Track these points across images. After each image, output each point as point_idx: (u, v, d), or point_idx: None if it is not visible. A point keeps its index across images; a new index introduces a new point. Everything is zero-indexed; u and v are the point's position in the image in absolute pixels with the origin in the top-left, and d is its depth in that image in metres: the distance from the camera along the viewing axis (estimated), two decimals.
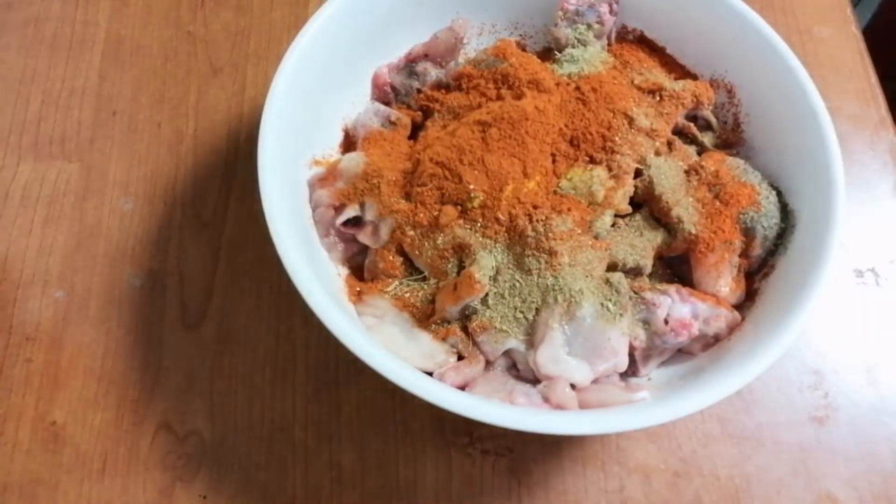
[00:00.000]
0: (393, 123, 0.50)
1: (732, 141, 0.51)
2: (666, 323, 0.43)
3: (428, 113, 0.52)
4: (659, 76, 0.51)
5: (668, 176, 0.47)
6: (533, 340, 0.43)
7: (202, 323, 0.51)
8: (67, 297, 0.51)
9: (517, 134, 0.45)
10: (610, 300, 0.42)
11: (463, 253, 0.44)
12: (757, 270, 0.47)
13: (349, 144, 0.51)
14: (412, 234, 0.45)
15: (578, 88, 0.48)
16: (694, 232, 0.45)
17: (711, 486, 0.47)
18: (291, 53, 0.46)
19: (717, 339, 0.44)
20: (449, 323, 0.44)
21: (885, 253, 0.55)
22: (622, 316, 0.42)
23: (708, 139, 0.51)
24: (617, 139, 0.46)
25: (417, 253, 0.45)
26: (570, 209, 0.44)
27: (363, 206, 0.46)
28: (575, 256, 0.43)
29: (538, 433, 0.37)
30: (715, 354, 0.44)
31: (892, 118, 0.60)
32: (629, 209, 0.46)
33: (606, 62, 0.50)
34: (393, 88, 0.52)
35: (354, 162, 0.46)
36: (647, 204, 0.47)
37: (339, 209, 0.46)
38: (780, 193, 0.47)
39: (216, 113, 0.58)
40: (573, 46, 0.51)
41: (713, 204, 0.45)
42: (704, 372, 0.42)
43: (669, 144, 0.49)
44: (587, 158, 0.46)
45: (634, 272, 0.45)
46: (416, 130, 0.51)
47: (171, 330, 0.50)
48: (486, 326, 0.43)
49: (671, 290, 0.44)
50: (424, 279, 0.46)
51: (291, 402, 0.48)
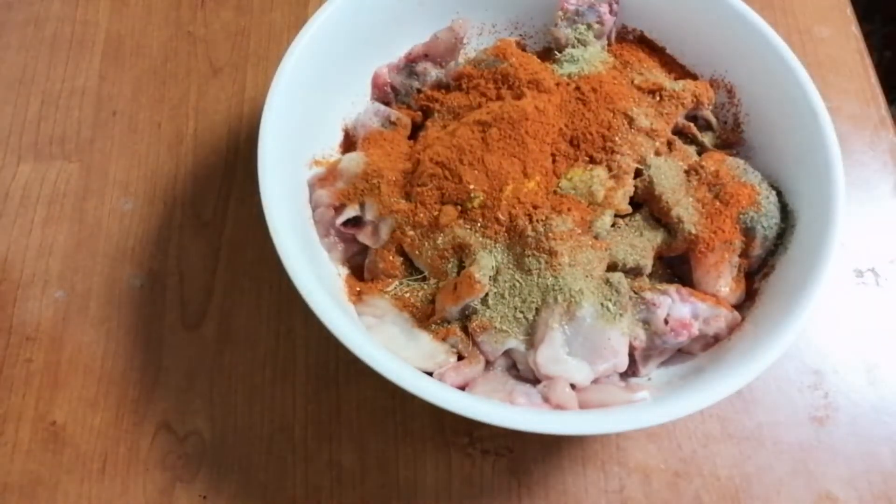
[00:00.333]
0: (393, 123, 0.50)
1: (732, 141, 0.51)
2: (666, 323, 0.43)
3: (428, 113, 0.52)
4: (659, 76, 0.51)
5: (668, 176, 0.47)
6: (533, 340, 0.43)
7: (202, 323, 0.51)
8: (67, 297, 0.51)
9: (517, 134, 0.45)
10: (610, 300, 0.42)
11: (463, 253, 0.44)
12: (757, 270, 0.47)
13: (349, 144, 0.51)
14: (412, 234, 0.45)
15: (578, 88, 0.48)
16: (694, 232, 0.45)
17: (711, 486, 0.47)
18: (291, 53, 0.46)
19: (717, 339, 0.44)
20: (449, 323, 0.44)
21: (885, 253, 0.55)
22: (622, 316, 0.42)
23: (708, 139, 0.51)
24: (617, 139, 0.46)
25: (417, 253, 0.45)
26: (570, 209, 0.44)
27: (363, 206, 0.46)
28: (575, 256, 0.43)
29: (538, 433, 0.37)
30: (715, 354, 0.44)
31: (892, 118, 0.60)
32: (629, 209, 0.46)
33: (606, 62, 0.50)
34: (393, 88, 0.52)
35: (354, 162, 0.46)
36: (647, 204, 0.47)
37: (339, 209, 0.46)
38: (780, 193, 0.47)
39: (216, 113, 0.58)
40: (573, 46, 0.51)
41: (713, 204, 0.45)
42: (704, 372, 0.42)
43: (669, 144, 0.49)
44: (587, 158, 0.46)
45: (634, 272, 0.45)
46: (416, 130, 0.51)
47: (171, 330, 0.50)
48: (486, 326, 0.43)
49: (671, 290, 0.44)
50: (424, 279, 0.46)
51: (291, 402, 0.48)
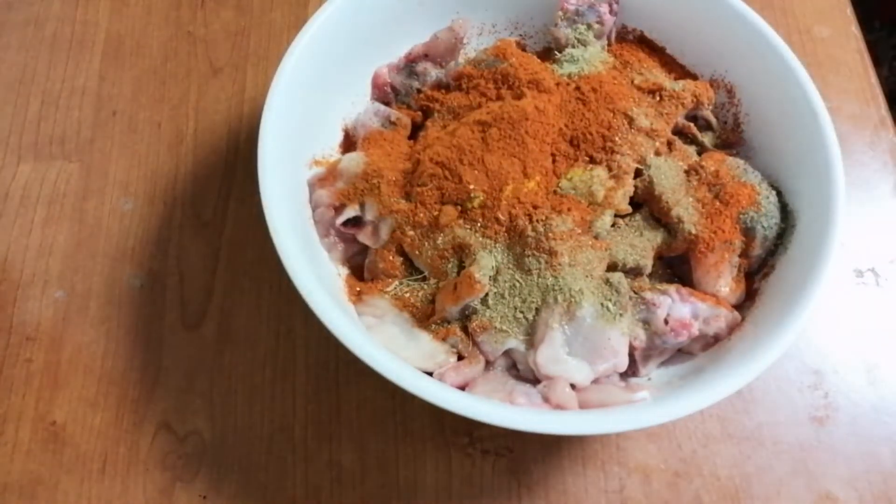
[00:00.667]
0: (393, 123, 0.50)
1: (732, 141, 0.51)
2: (666, 323, 0.43)
3: (428, 113, 0.52)
4: (659, 76, 0.51)
5: (668, 176, 0.47)
6: (533, 340, 0.43)
7: (202, 323, 0.51)
8: (67, 297, 0.51)
9: (517, 134, 0.45)
10: (610, 300, 0.42)
11: (463, 253, 0.44)
12: (757, 270, 0.47)
13: (349, 144, 0.51)
14: (412, 234, 0.45)
15: (578, 88, 0.48)
16: (694, 232, 0.45)
17: (711, 486, 0.47)
18: (291, 53, 0.46)
19: (717, 339, 0.44)
20: (449, 323, 0.44)
21: (885, 253, 0.54)
22: (622, 316, 0.42)
23: (708, 139, 0.51)
24: (617, 139, 0.46)
25: (417, 253, 0.45)
26: (570, 209, 0.44)
27: (363, 206, 0.46)
28: (575, 256, 0.43)
29: (538, 433, 0.37)
30: (715, 354, 0.44)
31: (892, 118, 0.60)
32: (629, 209, 0.46)
33: (606, 62, 0.50)
34: (393, 88, 0.52)
35: (354, 162, 0.46)
36: (647, 204, 0.47)
37: (339, 209, 0.46)
38: (780, 193, 0.47)
39: (216, 113, 0.58)
40: (573, 46, 0.51)
41: (713, 204, 0.45)
42: (704, 372, 0.42)
43: (669, 144, 0.49)
44: (587, 158, 0.46)
45: (634, 272, 0.45)
46: (416, 130, 0.51)
47: (171, 330, 0.50)
48: (486, 326, 0.43)
49: (671, 290, 0.44)
50: (424, 279, 0.46)
51: (291, 402, 0.48)
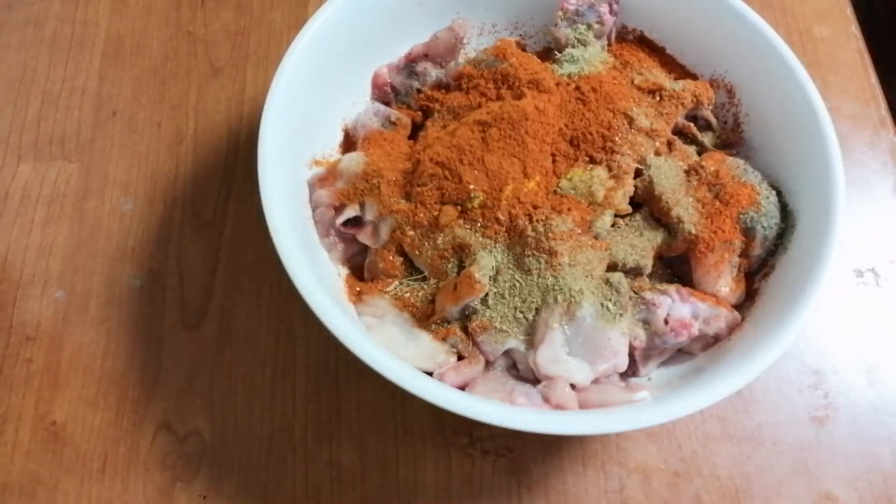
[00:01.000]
0: (393, 123, 0.50)
1: (732, 141, 0.51)
2: (666, 323, 0.43)
3: (428, 113, 0.52)
4: (659, 76, 0.51)
5: (668, 176, 0.47)
6: (533, 340, 0.43)
7: (202, 323, 0.51)
8: (67, 297, 0.51)
9: (517, 134, 0.45)
10: (610, 300, 0.42)
11: (463, 253, 0.44)
12: (757, 270, 0.47)
13: (349, 144, 0.51)
14: (412, 234, 0.45)
15: (578, 88, 0.48)
16: (694, 232, 0.45)
17: (711, 486, 0.47)
18: (291, 53, 0.46)
19: (717, 339, 0.44)
20: (449, 323, 0.44)
21: (885, 253, 0.54)
22: (622, 316, 0.42)
23: (708, 139, 0.51)
24: (617, 139, 0.46)
25: (417, 253, 0.45)
26: (570, 209, 0.44)
27: (363, 206, 0.46)
28: (575, 256, 0.43)
29: (538, 433, 0.37)
30: (715, 354, 0.44)
31: (892, 118, 0.60)
32: (629, 209, 0.46)
33: (606, 62, 0.50)
34: (393, 88, 0.52)
35: (354, 162, 0.46)
36: (647, 204, 0.47)
37: (339, 209, 0.46)
38: (780, 193, 0.47)
39: (216, 113, 0.58)
40: (573, 46, 0.51)
41: (713, 204, 0.45)
42: (704, 372, 0.42)
43: (669, 144, 0.49)
44: (587, 158, 0.46)
45: (634, 272, 0.45)
46: (416, 130, 0.51)
47: (171, 330, 0.50)
48: (486, 326, 0.43)
49: (671, 290, 0.44)
50: (424, 279, 0.46)
51: (291, 402, 0.48)
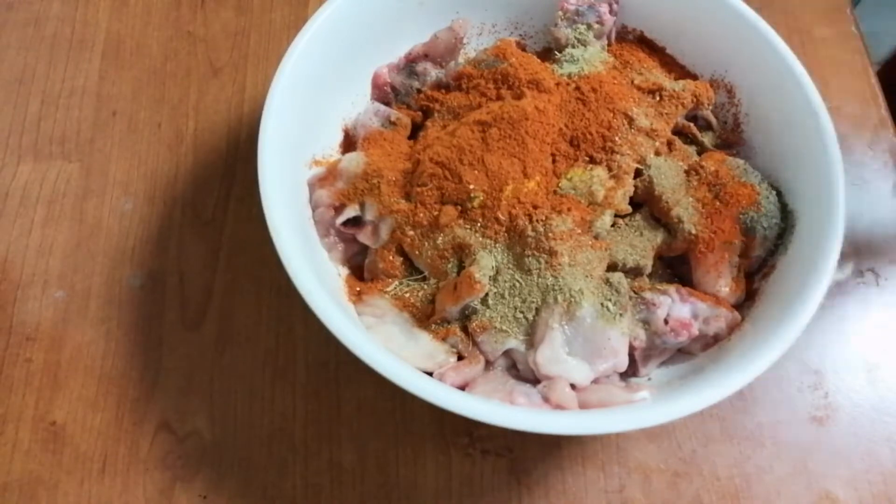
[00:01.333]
0: (393, 123, 0.50)
1: (732, 141, 0.51)
2: (666, 323, 0.43)
3: (428, 113, 0.52)
4: (659, 76, 0.51)
5: (668, 176, 0.47)
6: (533, 340, 0.43)
7: (202, 323, 0.51)
8: (67, 297, 0.51)
9: (517, 134, 0.45)
10: (610, 300, 0.42)
11: (463, 253, 0.44)
12: (757, 270, 0.47)
13: (349, 144, 0.51)
14: (412, 234, 0.45)
15: (578, 88, 0.48)
16: (694, 232, 0.45)
17: (711, 486, 0.47)
18: (291, 53, 0.46)
19: (717, 339, 0.44)
20: (449, 323, 0.44)
21: (885, 253, 0.54)
22: (622, 316, 0.42)
23: (708, 139, 0.51)
24: (617, 139, 0.46)
25: (417, 253, 0.45)
26: (570, 209, 0.44)
27: (363, 206, 0.46)
28: (575, 256, 0.43)
29: (538, 433, 0.37)
30: (715, 354, 0.44)
31: (892, 118, 0.60)
32: (629, 209, 0.46)
33: (606, 62, 0.50)
34: (393, 88, 0.52)
35: (354, 162, 0.46)
36: (647, 204, 0.47)
37: (339, 209, 0.46)
38: (780, 193, 0.47)
39: (216, 113, 0.58)
40: (573, 46, 0.51)
41: (713, 204, 0.45)
42: (704, 372, 0.42)
43: (669, 144, 0.49)
44: (587, 158, 0.46)
45: (634, 272, 0.45)
46: (416, 130, 0.51)
47: (171, 330, 0.50)
48: (486, 326, 0.43)
49: (671, 290, 0.44)
50: (424, 279, 0.46)
51: (291, 401, 0.48)
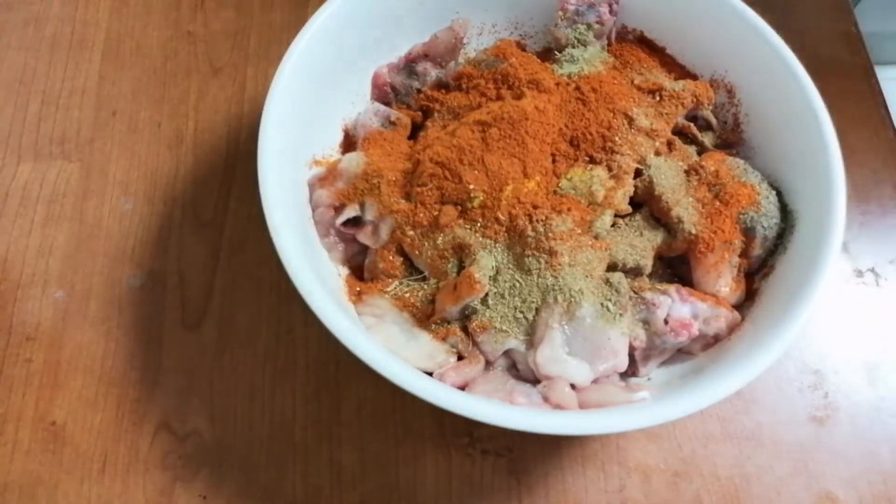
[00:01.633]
0: (393, 123, 0.50)
1: (732, 141, 0.51)
2: (666, 323, 0.43)
3: (428, 113, 0.52)
4: (659, 76, 0.51)
5: (668, 176, 0.47)
6: (533, 340, 0.43)
7: (202, 323, 0.51)
8: (67, 297, 0.51)
9: (517, 134, 0.45)
10: (610, 300, 0.42)
11: (463, 253, 0.44)
12: (757, 270, 0.47)
13: (349, 144, 0.51)
14: (412, 234, 0.45)
15: (578, 88, 0.48)
16: (694, 232, 0.45)
17: (711, 486, 0.47)
18: (291, 53, 0.46)
19: (717, 339, 0.44)
20: (449, 323, 0.44)
21: (885, 253, 0.55)
22: (622, 316, 0.42)
23: (708, 139, 0.51)
24: (617, 139, 0.46)
25: (417, 253, 0.45)
26: (570, 209, 0.44)
27: (363, 206, 0.46)
28: (575, 256, 0.43)
29: (538, 433, 0.37)
30: (715, 354, 0.44)
31: (892, 118, 0.60)
32: (629, 209, 0.46)
33: (606, 62, 0.50)
34: (393, 88, 0.52)
35: (354, 162, 0.46)
36: (647, 204, 0.47)
37: (339, 209, 0.46)
38: (780, 193, 0.47)
39: (216, 113, 0.58)
40: (573, 46, 0.51)
41: (713, 204, 0.45)
42: (704, 372, 0.42)
43: (669, 144, 0.49)
44: (587, 158, 0.46)
45: (634, 272, 0.45)
46: (416, 130, 0.51)
47: (171, 330, 0.50)
48: (486, 326, 0.43)
49: (671, 290, 0.44)
50: (424, 279, 0.46)
51: (291, 401, 0.48)
